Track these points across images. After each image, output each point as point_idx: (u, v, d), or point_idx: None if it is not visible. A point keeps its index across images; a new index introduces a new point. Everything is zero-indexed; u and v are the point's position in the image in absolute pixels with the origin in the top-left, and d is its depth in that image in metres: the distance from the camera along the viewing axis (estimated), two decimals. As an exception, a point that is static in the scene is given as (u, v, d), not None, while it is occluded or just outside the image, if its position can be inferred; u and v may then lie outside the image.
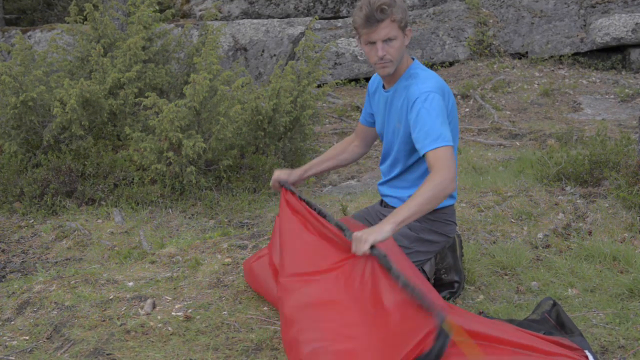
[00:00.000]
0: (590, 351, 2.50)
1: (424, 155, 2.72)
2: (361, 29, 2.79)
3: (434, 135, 2.70)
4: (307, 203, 2.92)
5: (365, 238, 2.45)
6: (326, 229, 2.72)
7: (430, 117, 2.73)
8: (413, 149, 2.93)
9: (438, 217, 3.04)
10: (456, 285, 3.17)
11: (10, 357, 2.72)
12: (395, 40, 2.79)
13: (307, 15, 11.20)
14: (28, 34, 10.34)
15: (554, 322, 2.74)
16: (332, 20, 10.97)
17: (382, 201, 3.23)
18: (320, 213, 2.82)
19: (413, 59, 2.98)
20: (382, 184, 3.19)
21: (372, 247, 2.44)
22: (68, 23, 6.59)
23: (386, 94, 3.00)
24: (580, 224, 4.08)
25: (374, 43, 2.79)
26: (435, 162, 2.67)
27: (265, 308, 3.08)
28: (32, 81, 5.56)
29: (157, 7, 6.49)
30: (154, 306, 3.11)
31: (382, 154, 3.16)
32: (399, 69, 2.92)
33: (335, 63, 10.03)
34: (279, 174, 3.15)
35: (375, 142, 3.43)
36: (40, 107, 5.51)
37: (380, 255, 2.41)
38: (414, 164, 2.99)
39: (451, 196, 3.03)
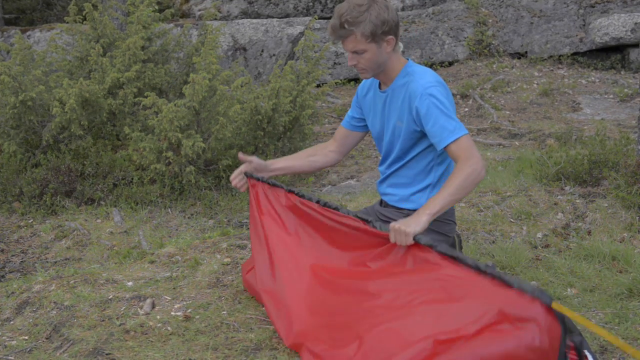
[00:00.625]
0: (589, 351, 2.50)
1: (444, 148, 2.73)
2: (331, 37, 2.83)
3: (450, 127, 2.71)
4: (311, 199, 2.91)
5: (404, 230, 2.48)
6: (340, 224, 2.76)
7: (440, 110, 2.74)
8: (414, 145, 2.93)
9: (438, 216, 3.04)
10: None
11: (10, 357, 2.72)
12: (365, 52, 2.79)
13: (307, 15, 11.20)
14: (27, 33, 10.33)
15: (553, 321, 2.73)
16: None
17: (381, 201, 3.23)
18: (326, 205, 2.84)
19: (407, 59, 2.99)
20: (381, 182, 3.19)
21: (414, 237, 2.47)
22: (67, 23, 6.59)
23: (383, 94, 3.00)
24: (580, 224, 4.08)
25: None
26: (461, 152, 2.69)
27: (264, 308, 3.08)
28: (32, 81, 5.57)
29: (157, 7, 6.49)
30: (153, 306, 3.11)
31: (382, 156, 3.15)
32: (393, 70, 2.92)
33: (335, 63, 10.03)
34: (242, 167, 3.08)
35: (371, 143, 3.42)
36: (39, 107, 5.51)
37: (434, 245, 2.41)
38: (412, 159, 2.99)
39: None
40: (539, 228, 4.08)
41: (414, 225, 2.50)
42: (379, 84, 3.05)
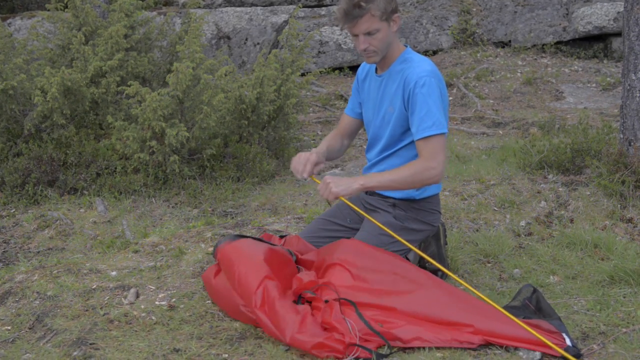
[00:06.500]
0: (567, 334, 2.53)
1: (416, 140, 2.75)
2: (341, 23, 2.81)
3: (429, 122, 2.73)
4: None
5: (332, 189, 2.73)
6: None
7: (426, 103, 2.76)
8: (404, 133, 2.94)
9: (423, 206, 3.05)
10: (439, 274, 3.19)
11: (-8, 348, 2.70)
12: (378, 32, 2.80)
13: (291, 4, 11.15)
14: (8, 21, 10.20)
15: (534, 308, 2.76)
16: (315, 9, 10.93)
17: (366, 188, 3.22)
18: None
19: (406, 45, 2.99)
20: (368, 169, 3.18)
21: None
22: (49, 10, 6.51)
23: (379, 78, 3.00)
24: (562, 212, 4.11)
25: (357, 35, 2.81)
26: (426, 150, 2.75)
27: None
28: (13, 69, 5.50)
29: (139, -5, 6.42)
30: (137, 295, 3.10)
31: (369, 141, 3.15)
32: (392, 55, 2.92)
33: (319, 52, 10.00)
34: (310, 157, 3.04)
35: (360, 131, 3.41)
36: (20, 96, 5.45)
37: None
38: (402, 148, 2.99)
39: (436, 185, 3.04)
40: (522, 216, 4.11)
41: (344, 187, 2.73)
42: (375, 68, 3.05)
